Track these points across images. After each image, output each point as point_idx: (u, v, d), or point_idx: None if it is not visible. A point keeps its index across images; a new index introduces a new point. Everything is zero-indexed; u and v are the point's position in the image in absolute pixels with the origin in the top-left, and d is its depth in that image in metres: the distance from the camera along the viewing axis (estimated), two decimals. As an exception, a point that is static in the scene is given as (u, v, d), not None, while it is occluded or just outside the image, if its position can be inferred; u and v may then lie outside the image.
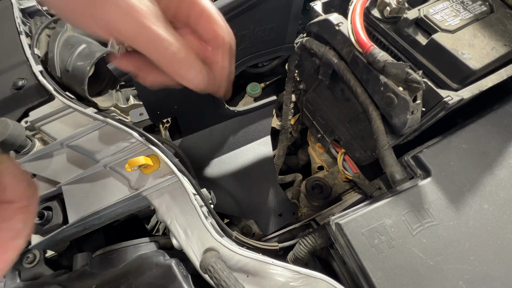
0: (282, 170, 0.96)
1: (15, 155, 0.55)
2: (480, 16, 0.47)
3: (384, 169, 0.49)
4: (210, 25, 0.31)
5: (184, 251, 0.48)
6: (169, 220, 0.50)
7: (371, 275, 0.40)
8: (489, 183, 0.45)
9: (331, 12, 0.55)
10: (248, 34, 0.64)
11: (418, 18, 0.47)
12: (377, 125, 0.48)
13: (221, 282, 0.41)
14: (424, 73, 0.46)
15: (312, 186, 0.82)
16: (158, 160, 0.54)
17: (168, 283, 0.47)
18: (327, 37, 0.53)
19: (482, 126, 0.49)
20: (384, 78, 0.45)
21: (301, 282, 0.44)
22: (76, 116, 0.58)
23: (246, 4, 0.58)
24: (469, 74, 0.43)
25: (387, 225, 0.43)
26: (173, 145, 0.70)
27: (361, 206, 0.46)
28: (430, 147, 0.48)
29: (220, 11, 0.56)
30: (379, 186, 0.67)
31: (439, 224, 0.43)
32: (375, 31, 0.51)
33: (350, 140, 0.61)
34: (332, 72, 0.55)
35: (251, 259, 0.46)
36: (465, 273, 0.40)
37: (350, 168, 0.70)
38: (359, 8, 0.48)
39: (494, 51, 0.44)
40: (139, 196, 0.52)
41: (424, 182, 0.45)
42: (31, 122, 0.57)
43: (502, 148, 0.47)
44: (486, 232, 0.42)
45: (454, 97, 0.42)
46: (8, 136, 0.49)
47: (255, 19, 0.61)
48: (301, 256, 0.56)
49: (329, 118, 0.65)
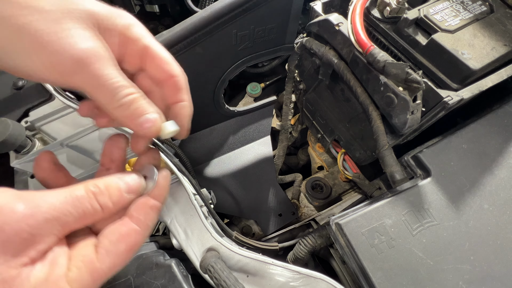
0: (282, 170, 0.96)
1: (15, 155, 0.55)
2: (480, 16, 0.47)
3: (384, 169, 0.49)
4: (164, 66, 0.31)
5: (184, 251, 0.48)
6: (169, 220, 0.50)
7: (371, 275, 0.40)
8: (489, 183, 0.45)
9: (331, 12, 0.55)
10: (248, 34, 0.64)
11: (418, 18, 0.47)
12: (377, 125, 0.48)
13: (221, 282, 0.41)
14: (424, 73, 0.46)
15: (312, 186, 0.82)
16: (158, 160, 0.54)
17: (168, 283, 0.47)
18: (327, 37, 0.53)
19: (482, 126, 0.49)
20: (384, 78, 0.45)
21: (301, 282, 0.44)
22: (76, 116, 0.58)
23: (246, 4, 0.58)
24: (469, 74, 0.43)
25: (387, 225, 0.43)
26: (173, 145, 0.70)
27: (361, 206, 0.46)
28: (430, 147, 0.48)
29: (221, 11, 0.56)
30: (379, 186, 0.67)
31: (439, 224, 0.43)
32: (375, 31, 0.51)
33: (350, 140, 0.61)
34: (332, 72, 0.55)
35: (251, 259, 0.46)
36: (465, 273, 0.40)
37: (350, 168, 0.70)
38: (359, 8, 0.48)
39: (494, 51, 0.44)
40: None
41: (424, 182, 0.45)
42: (31, 122, 0.57)
43: (502, 148, 0.47)
44: (486, 232, 0.42)
45: (454, 97, 0.42)
46: (8, 136, 0.49)
47: (255, 19, 0.61)
48: (301, 256, 0.56)
49: (329, 118, 0.65)
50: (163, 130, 0.31)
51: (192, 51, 0.59)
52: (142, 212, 0.29)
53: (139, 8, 1.09)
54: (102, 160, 0.34)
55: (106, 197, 0.27)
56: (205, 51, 0.61)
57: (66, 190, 0.25)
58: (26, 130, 0.57)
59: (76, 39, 0.25)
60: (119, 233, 0.27)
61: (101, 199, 0.26)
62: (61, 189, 0.26)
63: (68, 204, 0.24)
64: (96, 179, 0.28)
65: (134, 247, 0.28)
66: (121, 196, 0.28)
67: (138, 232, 0.28)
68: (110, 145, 0.33)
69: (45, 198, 0.24)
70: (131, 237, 0.28)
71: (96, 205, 0.26)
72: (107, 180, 0.28)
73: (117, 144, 0.33)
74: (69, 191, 0.25)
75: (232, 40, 0.63)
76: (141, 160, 0.34)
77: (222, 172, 0.83)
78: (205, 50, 0.61)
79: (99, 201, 0.26)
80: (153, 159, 0.34)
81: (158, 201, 0.31)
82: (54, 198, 0.24)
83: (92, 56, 0.26)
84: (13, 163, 0.55)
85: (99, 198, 0.26)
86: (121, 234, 0.27)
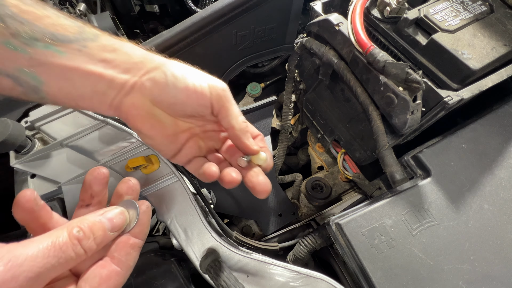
0: (282, 170, 0.96)
1: (15, 155, 0.55)
2: (480, 16, 0.47)
3: (384, 169, 0.49)
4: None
5: (184, 251, 0.48)
6: (169, 220, 0.50)
7: (371, 275, 0.40)
8: (489, 183, 0.45)
9: (331, 12, 0.55)
10: (248, 34, 0.64)
11: (418, 18, 0.47)
12: (377, 125, 0.48)
13: (221, 282, 0.41)
14: (424, 73, 0.46)
15: (312, 186, 0.82)
16: (158, 160, 0.54)
17: (168, 283, 0.47)
18: (327, 37, 0.53)
19: (482, 126, 0.49)
20: (384, 78, 0.45)
21: (301, 282, 0.44)
22: (76, 116, 0.58)
23: (246, 4, 0.58)
24: (469, 74, 0.43)
25: (387, 225, 0.43)
26: (173, 145, 0.70)
27: (361, 206, 0.46)
28: (430, 147, 0.48)
29: (221, 11, 0.57)
30: (379, 186, 0.67)
31: (439, 224, 0.43)
32: (375, 31, 0.51)
33: (350, 140, 0.61)
34: (332, 72, 0.55)
35: (251, 259, 0.46)
36: (465, 273, 0.40)
37: (350, 168, 0.70)
38: (359, 8, 0.48)
39: (494, 51, 0.44)
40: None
41: (424, 182, 0.45)
42: (31, 122, 0.57)
43: (502, 148, 0.47)
44: (486, 232, 0.42)
45: (454, 97, 0.42)
46: (8, 136, 0.49)
47: (256, 19, 0.62)
48: (301, 256, 0.56)
49: (329, 118, 0.65)
50: (258, 156, 0.37)
51: (192, 51, 0.59)
52: (124, 252, 0.29)
53: (139, 8, 1.09)
54: (81, 195, 0.33)
55: (90, 240, 0.26)
56: (205, 51, 0.61)
57: (48, 239, 0.24)
58: (26, 130, 0.57)
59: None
60: (100, 277, 0.28)
61: (85, 244, 0.26)
62: (42, 237, 0.24)
63: (50, 256, 0.23)
64: (79, 220, 0.27)
65: None
66: (105, 236, 0.28)
67: (119, 273, 0.29)
68: (90, 180, 0.33)
69: (26, 252, 0.23)
70: (112, 279, 0.28)
71: (80, 251, 0.25)
72: (91, 220, 0.27)
73: (97, 177, 0.33)
74: (51, 239, 0.24)
75: (232, 40, 0.63)
76: (120, 190, 0.33)
77: (222, 172, 0.83)
78: (205, 50, 0.61)
79: (83, 246, 0.26)
80: (132, 191, 0.34)
81: (139, 239, 0.31)
82: (35, 250, 0.23)
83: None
84: (13, 163, 0.55)
85: (83, 243, 0.26)
86: (102, 278, 0.28)
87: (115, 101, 0.33)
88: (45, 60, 0.29)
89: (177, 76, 0.33)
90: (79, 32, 0.31)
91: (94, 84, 0.32)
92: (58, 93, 0.32)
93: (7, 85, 0.30)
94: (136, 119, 0.35)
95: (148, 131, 0.35)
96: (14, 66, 0.29)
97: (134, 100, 0.33)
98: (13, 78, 0.29)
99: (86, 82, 0.31)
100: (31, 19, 0.28)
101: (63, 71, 0.30)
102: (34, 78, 0.30)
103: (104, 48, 0.32)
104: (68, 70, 0.30)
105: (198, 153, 0.40)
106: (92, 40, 0.31)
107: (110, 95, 0.33)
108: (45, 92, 0.31)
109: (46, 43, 0.29)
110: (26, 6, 0.28)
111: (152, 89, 0.33)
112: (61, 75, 0.30)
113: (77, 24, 0.31)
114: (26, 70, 0.29)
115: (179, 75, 0.33)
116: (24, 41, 0.28)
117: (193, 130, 0.39)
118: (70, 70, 0.30)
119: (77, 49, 0.30)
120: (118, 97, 0.33)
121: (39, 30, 0.28)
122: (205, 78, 0.35)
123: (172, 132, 0.37)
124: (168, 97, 0.34)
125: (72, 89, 0.32)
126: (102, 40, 0.32)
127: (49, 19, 0.29)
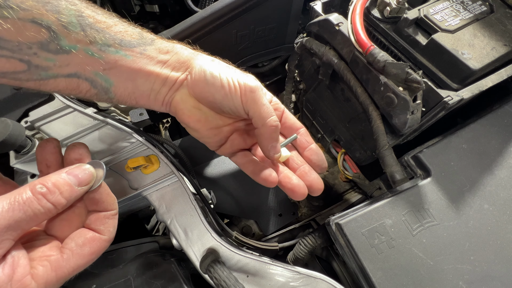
0: (282, 170, 0.95)
1: (15, 155, 0.55)
2: (480, 16, 0.47)
3: (384, 169, 0.49)
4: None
5: (184, 251, 0.48)
6: (169, 220, 0.50)
7: (371, 275, 0.40)
8: (489, 183, 0.45)
9: (331, 12, 0.55)
10: (248, 34, 0.64)
11: (418, 18, 0.47)
12: (377, 125, 0.48)
13: (221, 282, 0.41)
14: (424, 73, 0.46)
15: (312, 186, 0.82)
16: (158, 160, 0.54)
17: (168, 283, 0.47)
18: (327, 37, 0.53)
19: (482, 126, 0.49)
20: (384, 78, 0.45)
21: (301, 282, 0.44)
22: (76, 116, 0.58)
23: (246, 4, 0.58)
24: (469, 74, 0.43)
25: (387, 225, 0.43)
26: (173, 145, 0.70)
27: (361, 206, 0.46)
28: (430, 147, 0.48)
29: (221, 11, 0.56)
30: (379, 186, 0.67)
31: (439, 224, 0.43)
32: (375, 31, 0.51)
33: (350, 140, 0.61)
34: (332, 72, 0.55)
35: (251, 259, 0.46)
36: (465, 273, 0.40)
37: (350, 168, 0.70)
38: (359, 8, 0.48)
39: (494, 51, 0.44)
40: (139, 196, 0.52)
41: (424, 182, 0.45)
42: (31, 122, 0.57)
43: (502, 148, 0.47)
44: (486, 232, 0.42)
45: (454, 97, 0.42)
46: (8, 136, 0.49)
47: (255, 19, 0.61)
48: (301, 256, 0.56)
49: (329, 118, 0.65)
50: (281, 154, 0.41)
51: (192, 51, 0.59)
52: (99, 223, 0.32)
53: (139, 8, 1.09)
54: (39, 168, 0.34)
55: (56, 194, 0.27)
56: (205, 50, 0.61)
57: (11, 196, 0.26)
58: (26, 130, 0.57)
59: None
60: (85, 238, 0.30)
61: (51, 198, 0.27)
62: (5, 195, 0.26)
63: (16, 210, 0.25)
64: (42, 178, 0.28)
65: (98, 251, 0.30)
66: (72, 190, 0.29)
67: (101, 238, 0.31)
68: (41, 152, 0.34)
69: None
70: (95, 241, 0.30)
71: (47, 204, 0.27)
72: (54, 177, 0.28)
73: (47, 149, 0.34)
74: (14, 196, 0.26)
75: (232, 40, 0.63)
76: (70, 158, 0.34)
77: (222, 172, 0.83)
78: (205, 50, 0.60)
79: (50, 200, 0.27)
80: (80, 156, 0.34)
81: (109, 210, 0.32)
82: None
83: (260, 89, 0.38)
84: (13, 163, 0.55)
85: (49, 197, 0.27)
86: (86, 238, 0.30)
87: (167, 97, 0.38)
88: (115, 64, 0.33)
89: (215, 75, 0.37)
90: (139, 38, 0.35)
91: (152, 83, 0.36)
92: (124, 92, 0.36)
93: (85, 88, 0.34)
94: (183, 113, 0.39)
95: (194, 125, 0.40)
96: (92, 70, 0.32)
97: (182, 96, 0.38)
98: (90, 81, 0.33)
99: (146, 81, 0.36)
100: (104, 28, 0.32)
101: (129, 72, 0.34)
102: (106, 80, 0.34)
103: (160, 51, 0.36)
104: (133, 72, 0.35)
105: (243, 146, 0.44)
106: (150, 44, 0.36)
107: (163, 92, 0.38)
108: (114, 93, 0.35)
109: (116, 48, 0.33)
110: (99, 17, 0.32)
111: (194, 87, 0.38)
112: (127, 76, 0.35)
113: (137, 31, 0.36)
114: (101, 74, 0.33)
115: (216, 74, 0.37)
116: (100, 48, 0.32)
117: (237, 124, 0.43)
118: (135, 72, 0.35)
119: (139, 52, 0.35)
120: (170, 93, 0.38)
121: (110, 37, 0.32)
122: (237, 76, 0.38)
123: (215, 125, 0.41)
124: (207, 95, 0.38)
125: (135, 88, 0.36)
126: (157, 43, 0.36)
127: (116, 27, 0.33)
